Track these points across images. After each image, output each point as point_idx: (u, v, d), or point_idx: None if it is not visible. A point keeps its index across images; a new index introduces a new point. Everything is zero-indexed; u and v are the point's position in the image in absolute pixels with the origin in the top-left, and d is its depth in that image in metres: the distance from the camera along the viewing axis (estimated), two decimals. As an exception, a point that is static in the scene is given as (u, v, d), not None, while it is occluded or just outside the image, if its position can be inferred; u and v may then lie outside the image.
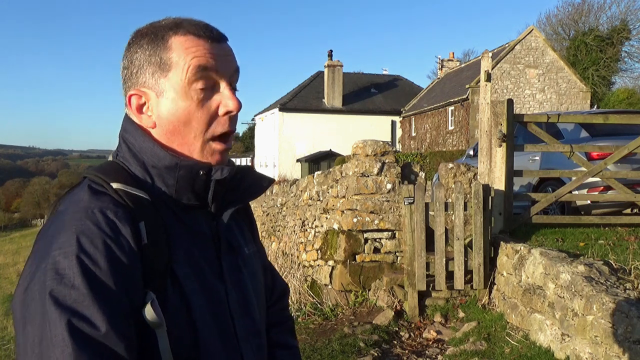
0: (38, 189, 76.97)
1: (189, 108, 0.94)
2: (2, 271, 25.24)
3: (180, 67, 0.93)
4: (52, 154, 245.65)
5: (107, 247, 0.82)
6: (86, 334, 0.76)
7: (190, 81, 0.93)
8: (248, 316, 1.02)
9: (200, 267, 0.95)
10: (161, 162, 0.94)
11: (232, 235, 1.07)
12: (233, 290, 1.00)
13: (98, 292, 0.79)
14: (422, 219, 5.40)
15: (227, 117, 0.96)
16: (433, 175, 9.76)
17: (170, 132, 0.95)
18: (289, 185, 9.82)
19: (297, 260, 8.08)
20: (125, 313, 0.82)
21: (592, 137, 6.69)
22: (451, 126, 25.90)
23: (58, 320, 0.76)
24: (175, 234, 0.94)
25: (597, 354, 3.56)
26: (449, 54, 34.04)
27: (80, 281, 0.79)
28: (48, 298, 0.77)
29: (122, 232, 0.85)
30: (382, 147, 6.66)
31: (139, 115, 0.97)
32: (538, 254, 4.60)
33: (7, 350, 7.82)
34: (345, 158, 21.96)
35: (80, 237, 0.82)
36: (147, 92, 0.96)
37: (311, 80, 33.55)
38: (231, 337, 0.97)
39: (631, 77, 30.72)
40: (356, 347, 4.66)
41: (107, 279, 0.80)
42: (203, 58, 0.93)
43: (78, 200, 0.88)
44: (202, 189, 0.96)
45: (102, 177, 0.92)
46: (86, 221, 0.84)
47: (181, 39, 0.94)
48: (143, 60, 0.95)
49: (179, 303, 0.89)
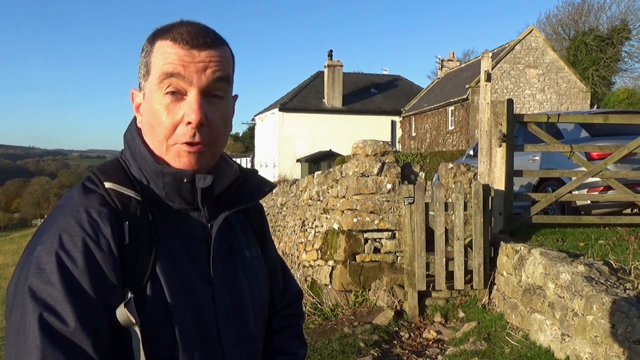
0: (38, 189, 76.98)
1: (157, 111, 0.95)
2: (2, 271, 25.25)
3: (155, 71, 0.95)
4: (52, 154, 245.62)
5: (85, 246, 0.85)
6: (55, 328, 0.79)
7: (158, 86, 0.94)
8: (240, 320, 1.01)
9: (185, 269, 0.95)
10: (149, 167, 0.96)
11: (234, 237, 1.06)
12: (224, 294, 0.99)
13: (71, 290, 0.82)
14: (422, 219, 5.40)
15: (190, 128, 0.93)
16: (433, 175, 9.76)
17: (147, 132, 0.99)
18: (289, 185, 9.82)
19: (297, 260, 8.08)
20: (97, 311, 0.83)
21: (592, 137, 6.69)
22: (451, 126, 25.90)
23: (32, 313, 0.80)
24: (163, 235, 0.94)
25: (597, 354, 3.56)
26: (449, 54, 34.07)
27: (56, 277, 0.82)
28: (27, 291, 0.81)
29: (104, 231, 0.87)
30: (382, 147, 6.66)
31: (137, 114, 1.02)
32: (538, 254, 4.60)
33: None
34: (345, 158, 21.96)
35: (62, 235, 0.85)
36: (140, 92, 1.01)
37: (311, 80, 33.55)
38: (213, 340, 0.96)
39: (631, 77, 30.76)
40: (356, 347, 4.66)
41: (82, 277, 0.83)
42: (172, 64, 0.93)
43: (70, 197, 0.92)
44: (189, 195, 0.97)
45: (98, 176, 0.95)
46: (70, 219, 0.87)
47: (161, 43, 0.96)
48: (140, 62, 1.00)
49: (158, 303, 0.90)
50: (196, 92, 0.94)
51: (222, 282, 0.99)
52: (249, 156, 41.92)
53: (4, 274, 24.30)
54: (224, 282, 0.99)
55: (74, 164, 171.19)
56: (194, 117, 0.92)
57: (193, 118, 0.92)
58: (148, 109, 0.97)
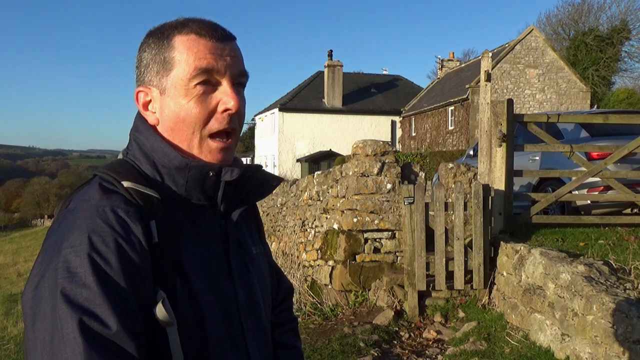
0: (38, 189, 76.96)
1: (188, 105, 0.95)
2: (2, 271, 25.24)
3: (182, 65, 0.95)
4: (52, 154, 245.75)
5: (118, 246, 0.83)
6: (97, 332, 0.77)
7: (190, 79, 0.95)
8: (255, 315, 1.03)
9: (209, 266, 0.96)
10: (172, 162, 0.95)
11: (241, 234, 1.08)
12: (241, 289, 1.01)
13: (109, 291, 0.80)
14: (422, 219, 5.40)
15: (225, 115, 0.96)
16: (433, 175, 9.75)
17: (171, 128, 0.97)
18: (289, 185, 9.82)
19: (297, 260, 8.08)
20: (136, 312, 0.82)
21: (592, 137, 6.68)
22: (451, 126, 25.90)
23: (69, 319, 0.77)
24: (184, 232, 0.95)
25: (597, 354, 3.56)
26: (449, 54, 34.06)
27: (92, 280, 0.79)
28: (59, 296, 0.78)
29: (134, 230, 0.86)
30: (382, 147, 6.66)
31: (145, 112, 1.00)
32: (538, 254, 4.60)
33: (7, 350, 7.81)
34: (345, 158, 21.95)
35: (92, 236, 0.82)
36: (152, 89, 0.99)
37: (311, 80, 33.54)
38: (239, 335, 0.98)
39: (631, 77, 30.77)
40: (356, 347, 4.66)
41: (118, 278, 0.81)
42: (203, 57, 0.95)
43: (88, 198, 0.89)
44: (211, 190, 0.98)
45: (113, 176, 0.93)
46: (97, 220, 0.84)
47: (184, 38, 0.96)
48: (149, 59, 0.98)
49: (188, 301, 0.90)
50: (228, 81, 0.97)
51: (239, 278, 1.01)
52: (249, 156, 41.89)
53: (4, 273, 24.29)
54: (240, 278, 1.01)
55: (74, 164, 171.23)
56: (233, 104, 0.96)
57: (232, 104, 0.96)
58: (175, 105, 0.96)
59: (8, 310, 13.86)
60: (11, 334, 9.99)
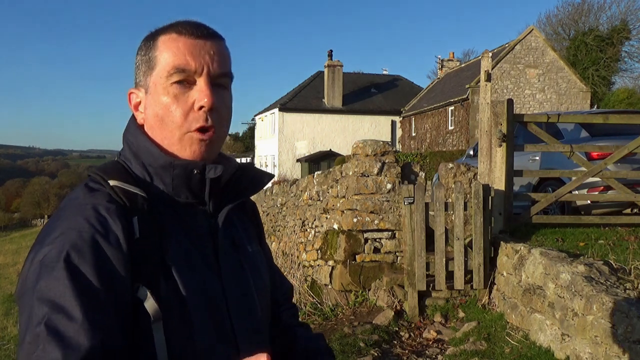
0: (38, 189, 76.88)
1: (166, 103, 0.97)
2: (2, 271, 25.23)
3: (161, 64, 0.97)
4: (52, 154, 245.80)
5: (94, 242, 0.85)
6: (61, 324, 0.79)
7: (168, 77, 0.96)
8: (249, 313, 1.03)
9: (194, 263, 0.96)
10: (157, 161, 0.97)
11: (236, 232, 1.08)
12: (233, 287, 1.00)
13: (79, 286, 0.82)
14: (422, 218, 5.40)
15: (202, 112, 0.97)
16: (433, 175, 9.75)
17: (154, 127, 0.99)
18: (289, 185, 9.82)
19: (297, 260, 8.08)
20: (108, 307, 0.83)
21: (592, 137, 6.68)
22: (451, 126, 25.89)
23: (39, 310, 0.80)
24: (171, 230, 0.95)
25: (597, 354, 3.56)
26: (449, 54, 34.03)
27: (64, 274, 0.82)
28: (35, 289, 0.82)
29: (112, 227, 0.88)
30: (382, 147, 6.66)
31: (136, 113, 1.03)
32: (538, 254, 4.60)
33: (7, 350, 7.81)
34: (345, 158, 21.96)
35: (70, 232, 0.85)
36: (141, 90, 1.01)
37: (311, 80, 33.53)
38: (228, 332, 0.98)
39: (631, 77, 30.75)
40: (356, 347, 4.66)
41: (90, 272, 0.83)
42: (180, 54, 0.96)
43: (75, 197, 0.93)
44: (198, 187, 0.99)
45: (101, 175, 0.96)
46: (78, 217, 0.87)
47: (165, 37, 0.98)
48: (140, 61, 1.01)
49: (172, 297, 0.91)
50: (205, 79, 0.97)
51: (231, 276, 1.01)
52: (249, 156, 41.90)
53: (4, 273, 24.29)
54: (232, 276, 1.01)
55: (74, 164, 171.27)
56: (207, 101, 0.96)
57: (205, 102, 0.96)
58: (155, 103, 0.98)
59: (8, 310, 13.87)
60: (11, 334, 9.99)
